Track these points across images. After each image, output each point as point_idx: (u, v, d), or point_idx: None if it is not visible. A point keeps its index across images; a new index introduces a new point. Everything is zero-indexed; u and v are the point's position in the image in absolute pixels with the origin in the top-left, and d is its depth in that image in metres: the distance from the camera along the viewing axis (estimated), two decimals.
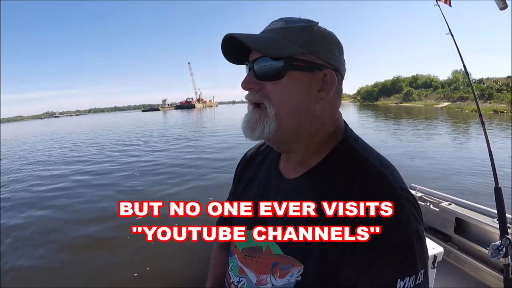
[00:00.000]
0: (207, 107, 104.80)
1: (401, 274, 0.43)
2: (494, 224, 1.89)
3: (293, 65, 0.51)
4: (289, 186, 0.58)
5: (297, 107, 0.52)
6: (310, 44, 0.51)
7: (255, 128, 0.53)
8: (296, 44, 0.50)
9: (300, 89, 0.52)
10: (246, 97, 0.56)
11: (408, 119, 20.32)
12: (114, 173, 7.45)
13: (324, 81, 0.53)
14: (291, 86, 0.51)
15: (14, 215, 4.79)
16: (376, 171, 0.49)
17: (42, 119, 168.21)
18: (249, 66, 0.54)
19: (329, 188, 0.51)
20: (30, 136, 23.71)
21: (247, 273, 0.60)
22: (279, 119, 0.52)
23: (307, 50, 0.51)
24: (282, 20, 0.53)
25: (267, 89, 0.52)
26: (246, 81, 0.54)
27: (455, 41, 1.72)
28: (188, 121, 30.30)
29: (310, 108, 0.53)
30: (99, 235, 3.82)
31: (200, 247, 3.12)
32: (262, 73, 0.52)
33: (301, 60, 0.51)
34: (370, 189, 0.47)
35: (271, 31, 0.53)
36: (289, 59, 0.50)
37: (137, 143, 13.46)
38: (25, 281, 2.94)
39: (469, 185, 5.05)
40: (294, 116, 0.52)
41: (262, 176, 0.66)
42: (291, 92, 0.51)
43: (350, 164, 0.52)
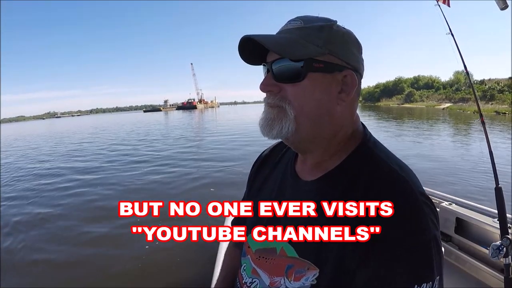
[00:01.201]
0: (208, 108, 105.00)
1: (418, 279, 0.43)
2: (494, 224, 1.89)
3: (313, 66, 0.50)
4: (305, 187, 0.57)
5: (317, 110, 0.51)
6: (330, 44, 0.50)
7: (273, 126, 0.52)
8: (316, 44, 0.49)
9: (320, 91, 0.51)
10: (264, 99, 0.55)
11: (409, 120, 20.28)
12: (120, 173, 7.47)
13: (344, 82, 0.52)
14: (311, 88, 0.50)
15: (17, 211, 4.81)
16: (396, 176, 0.48)
17: (44, 120, 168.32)
18: (267, 67, 0.53)
19: (347, 192, 0.50)
20: (40, 135, 23.75)
21: (260, 275, 0.59)
22: (298, 121, 0.51)
23: (326, 51, 0.50)
24: (299, 19, 0.52)
25: (286, 91, 0.51)
26: (265, 83, 0.53)
27: (455, 41, 1.71)
28: (190, 122, 30.27)
29: (330, 110, 0.52)
30: (101, 234, 3.83)
31: (200, 247, 3.12)
32: (281, 75, 0.51)
33: (321, 62, 0.50)
34: (389, 194, 0.46)
35: (289, 31, 0.51)
36: (309, 61, 0.49)
37: (142, 144, 13.45)
38: (28, 275, 2.94)
39: (469, 185, 5.05)
40: (313, 119, 0.51)
41: (277, 177, 0.65)
42: (312, 95, 0.50)
43: (369, 169, 0.51)
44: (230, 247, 0.85)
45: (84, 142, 15.65)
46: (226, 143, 11.70)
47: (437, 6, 1.74)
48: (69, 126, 37.96)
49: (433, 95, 48.92)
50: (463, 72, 1.81)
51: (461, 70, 2.11)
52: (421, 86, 56.44)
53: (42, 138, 21.28)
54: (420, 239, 0.44)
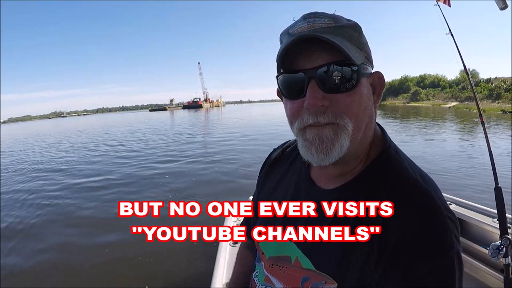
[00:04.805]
0: (214, 107, 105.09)
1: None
2: (494, 224, 1.89)
3: (363, 71, 0.45)
4: (324, 196, 0.53)
5: (366, 118, 0.47)
6: (365, 46, 0.48)
7: (332, 149, 0.45)
8: (358, 47, 0.46)
9: (367, 96, 0.47)
10: (308, 119, 0.45)
11: (416, 120, 20.29)
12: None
13: (373, 84, 0.49)
14: (363, 95, 0.46)
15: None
16: (420, 189, 0.46)
17: (50, 119, 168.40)
18: (308, 76, 0.44)
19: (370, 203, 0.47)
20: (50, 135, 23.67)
21: (274, 283, 0.57)
22: (354, 134, 0.46)
23: (364, 53, 0.47)
24: (324, 16, 0.46)
25: (339, 103, 0.44)
26: (315, 97, 0.44)
27: (455, 41, 1.72)
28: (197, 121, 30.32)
29: (372, 116, 0.49)
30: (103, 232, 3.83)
31: (200, 247, 3.12)
32: (334, 84, 0.44)
33: (365, 65, 0.47)
34: (413, 209, 0.44)
35: (326, 31, 0.43)
36: (361, 65, 0.45)
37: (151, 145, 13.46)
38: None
39: (469, 185, 5.05)
40: (363, 128, 0.47)
41: (292, 180, 0.62)
42: (364, 102, 0.46)
43: (392, 180, 0.47)
44: (241, 248, 0.84)
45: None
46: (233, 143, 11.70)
47: (437, 6, 1.74)
48: (100, 123, 37.89)
49: (439, 93, 48.92)
50: (469, 71, 1.81)
51: (468, 69, 2.12)
52: (427, 84, 56.44)
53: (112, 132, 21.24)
54: (444, 258, 0.43)
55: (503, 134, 11.02)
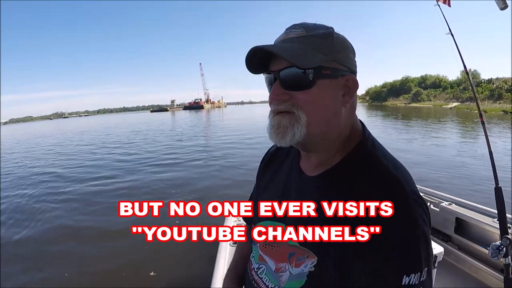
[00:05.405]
0: (215, 108, 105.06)
1: (407, 270, 0.47)
2: (494, 224, 1.89)
3: (321, 74, 0.53)
4: (309, 183, 0.61)
5: (326, 114, 0.55)
6: (334, 51, 0.54)
7: (285, 134, 0.54)
8: (322, 53, 0.53)
9: (328, 96, 0.54)
10: (273, 106, 0.57)
11: (417, 121, 20.28)
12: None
13: (346, 86, 0.56)
14: (320, 94, 0.53)
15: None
16: (390, 174, 0.52)
17: (52, 120, 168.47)
18: (274, 76, 0.55)
19: (346, 188, 0.54)
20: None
21: (267, 261, 0.64)
22: (309, 125, 0.54)
23: (332, 58, 0.53)
24: (300, 27, 0.54)
25: (296, 98, 0.53)
26: (276, 93, 0.55)
27: (455, 41, 1.72)
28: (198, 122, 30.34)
29: (337, 113, 0.56)
30: (103, 233, 3.85)
31: (200, 247, 3.12)
32: (291, 83, 0.53)
33: (328, 68, 0.53)
34: (383, 191, 0.50)
35: (293, 40, 0.54)
36: (318, 68, 0.52)
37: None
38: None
39: (469, 185, 5.05)
40: (323, 122, 0.55)
41: (285, 171, 0.69)
42: (321, 100, 0.54)
43: (365, 167, 0.54)
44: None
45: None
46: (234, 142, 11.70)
47: (437, 6, 1.75)
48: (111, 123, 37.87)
49: (440, 94, 48.72)
50: (470, 71, 1.80)
51: (469, 69, 2.11)
52: (428, 85, 56.10)
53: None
54: (410, 234, 0.48)
55: (503, 134, 11.02)
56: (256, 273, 0.67)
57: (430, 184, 3.44)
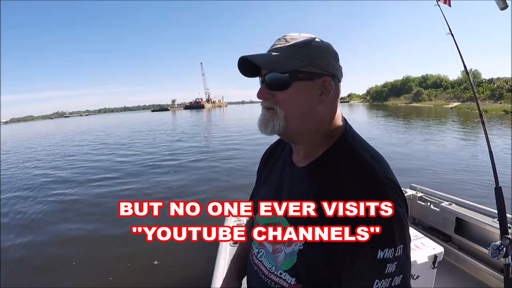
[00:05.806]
0: (216, 107, 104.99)
1: (380, 246, 0.52)
2: (494, 224, 1.89)
3: (297, 76, 0.62)
4: (298, 173, 0.69)
5: (301, 110, 0.63)
6: (310, 57, 0.62)
7: (268, 125, 0.65)
8: (298, 59, 0.62)
9: (303, 95, 0.63)
10: (261, 103, 0.68)
11: (417, 120, 20.28)
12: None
13: (323, 86, 0.63)
14: (296, 94, 0.62)
15: None
16: (367, 163, 0.59)
17: (53, 119, 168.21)
18: (262, 79, 0.66)
19: (329, 177, 0.62)
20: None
21: (266, 245, 0.72)
22: (287, 119, 0.63)
23: (307, 63, 0.62)
24: (284, 38, 0.65)
25: (277, 97, 0.64)
26: (261, 92, 0.66)
27: (455, 41, 1.71)
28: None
29: (313, 109, 0.64)
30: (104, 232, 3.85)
31: (200, 247, 3.12)
32: (272, 85, 0.64)
33: (303, 72, 0.62)
34: (361, 179, 0.58)
35: (277, 49, 0.64)
36: (294, 72, 0.61)
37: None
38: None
39: (469, 185, 5.05)
40: (299, 117, 0.64)
41: (280, 165, 0.78)
42: (296, 99, 0.63)
43: (346, 158, 0.62)
44: (248, 223, 0.97)
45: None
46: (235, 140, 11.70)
47: (437, 6, 1.74)
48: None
49: (441, 94, 48.50)
50: (470, 71, 1.80)
51: (470, 69, 2.11)
52: (429, 85, 55.91)
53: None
54: (382, 220, 0.53)
55: (503, 133, 11.02)
56: (256, 257, 0.74)
57: (430, 184, 3.44)
